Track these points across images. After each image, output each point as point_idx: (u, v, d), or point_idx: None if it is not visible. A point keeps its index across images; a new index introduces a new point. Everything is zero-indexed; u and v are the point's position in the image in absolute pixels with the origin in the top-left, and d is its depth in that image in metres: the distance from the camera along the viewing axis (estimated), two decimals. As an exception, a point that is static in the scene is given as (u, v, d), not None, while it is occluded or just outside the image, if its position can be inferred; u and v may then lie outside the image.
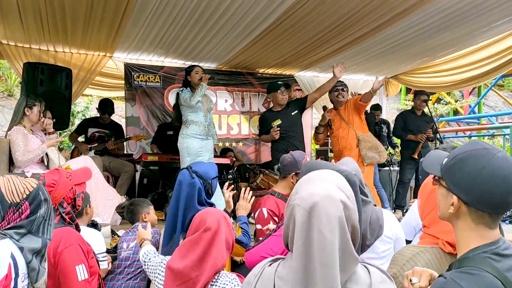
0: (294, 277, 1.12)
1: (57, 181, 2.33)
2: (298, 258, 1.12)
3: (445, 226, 1.74)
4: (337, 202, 1.15)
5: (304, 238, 1.12)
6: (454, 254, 1.70)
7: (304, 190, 1.19)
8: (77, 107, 10.70)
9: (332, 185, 1.19)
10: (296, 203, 1.17)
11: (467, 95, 13.40)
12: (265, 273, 1.24)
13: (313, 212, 1.13)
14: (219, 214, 2.21)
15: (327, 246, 1.10)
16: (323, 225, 1.11)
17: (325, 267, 1.09)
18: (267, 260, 1.28)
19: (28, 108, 4.29)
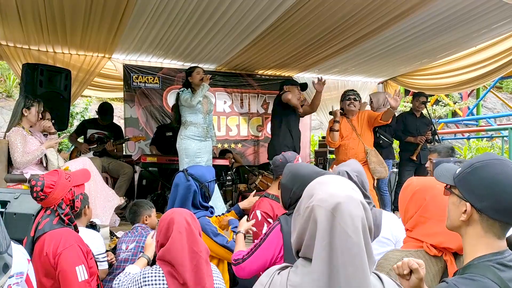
0: (316, 280, 1.09)
1: (56, 182, 2.33)
2: (322, 260, 1.09)
3: (428, 229, 1.74)
4: (358, 203, 1.14)
5: (328, 239, 1.10)
6: (439, 256, 1.70)
7: (322, 192, 1.17)
8: (76, 108, 10.69)
9: (349, 187, 1.19)
10: (316, 205, 1.15)
11: (465, 97, 13.41)
12: (275, 281, 1.20)
13: (336, 212, 1.11)
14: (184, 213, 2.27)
15: (353, 247, 1.08)
16: (347, 225, 1.09)
17: (350, 268, 1.07)
18: (274, 269, 1.25)
19: (26, 109, 4.28)
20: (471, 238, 1.37)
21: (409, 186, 1.89)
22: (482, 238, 1.35)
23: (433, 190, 1.81)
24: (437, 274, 1.68)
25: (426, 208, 1.78)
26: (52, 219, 2.30)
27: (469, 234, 1.38)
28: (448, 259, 1.68)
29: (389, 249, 2.43)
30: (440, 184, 1.87)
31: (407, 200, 1.86)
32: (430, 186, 1.83)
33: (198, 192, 2.90)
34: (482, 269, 1.29)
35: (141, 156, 5.85)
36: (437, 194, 1.78)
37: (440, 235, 1.70)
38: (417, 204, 1.81)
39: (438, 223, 1.73)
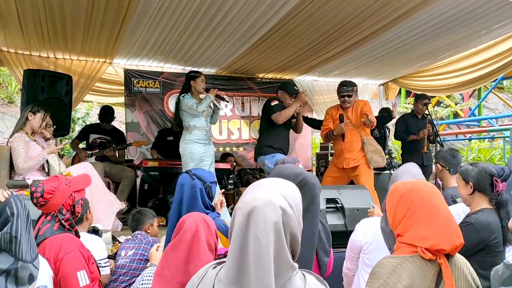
0: (229, 277, 1.14)
1: (56, 188, 2.33)
2: (234, 260, 1.14)
3: (419, 232, 1.70)
4: (276, 208, 1.16)
5: (241, 240, 1.14)
6: (433, 260, 1.68)
7: (248, 195, 1.22)
8: (77, 114, 10.70)
9: (275, 192, 1.21)
10: (238, 206, 1.20)
11: (467, 97, 13.41)
12: (207, 275, 1.25)
13: (251, 215, 1.15)
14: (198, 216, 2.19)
15: (261, 250, 1.11)
16: (259, 229, 1.13)
17: (259, 270, 1.10)
18: (213, 262, 1.30)
19: (31, 113, 4.32)
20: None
21: (396, 190, 1.86)
22: None
23: (420, 192, 1.78)
24: (433, 278, 1.66)
25: (414, 211, 1.74)
26: (53, 225, 2.30)
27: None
28: (443, 262, 1.66)
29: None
30: (425, 185, 1.86)
31: (395, 204, 1.82)
32: (417, 188, 1.81)
33: (204, 191, 2.90)
34: None
35: (142, 160, 5.85)
36: (424, 196, 1.77)
37: (432, 238, 1.67)
38: (405, 207, 1.77)
39: (427, 225, 1.71)
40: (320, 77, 7.80)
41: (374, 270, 1.72)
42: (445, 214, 1.74)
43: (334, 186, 4.81)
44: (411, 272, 1.64)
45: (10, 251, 1.63)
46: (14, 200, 1.75)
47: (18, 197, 1.77)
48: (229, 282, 1.13)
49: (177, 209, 2.89)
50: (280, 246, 1.14)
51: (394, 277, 1.63)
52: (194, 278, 1.30)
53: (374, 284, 1.66)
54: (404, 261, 1.67)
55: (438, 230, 1.69)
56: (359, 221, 3.61)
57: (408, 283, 1.62)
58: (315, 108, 8.05)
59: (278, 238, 1.14)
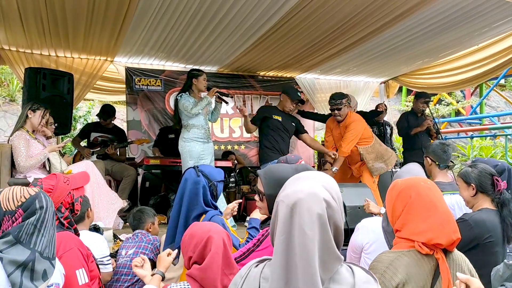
0: (275, 273, 1.13)
1: (54, 186, 2.34)
2: (280, 254, 1.13)
3: (416, 227, 1.73)
4: (320, 200, 1.16)
5: (286, 234, 1.13)
6: (431, 255, 1.69)
7: (289, 188, 1.22)
8: (79, 112, 10.71)
9: (317, 184, 1.21)
10: (280, 200, 1.20)
11: (468, 95, 13.38)
12: (251, 274, 1.24)
13: (295, 208, 1.14)
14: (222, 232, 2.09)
15: (307, 243, 1.11)
16: (304, 222, 1.12)
17: (305, 263, 1.09)
18: (254, 261, 1.29)
19: (31, 111, 4.32)
20: None
21: (394, 186, 1.89)
22: None
23: (417, 188, 1.81)
24: (430, 273, 1.68)
25: (411, 206, 1.77)
26: None
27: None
28: (440, 257, 1.68)
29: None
30: (424, 181, 1.88)
31: (393, 200, 1.85)
32: (415, 184, 1.84)
33: (208, 189, 2.87)
34: None
35: (144, 158, 5.86)
36: (422, 191, 1.79)
37: (429, 232, 1.70)
38: (403, 202, 1.80)
39: (425, 220, 1.73)
40: (321, 75, 7.79)
41: (372, 265, 1.75)
42: (443, 209, 1.76)
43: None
44: (407, 266, 1.66)
45: (29, 243, 1.62)
46: (44, 195, 1.77)
47: (45, 194, 1.79)
48: (277, 277, 1.12)
49: (179, 203, 2.89)
50: (326, 238, 1.14)
51: (391, 271, 1.65)
52: (237, 277, 1.29)
53: None
54: (401, 256, 1.69)
55: (435, 225, 1.71)
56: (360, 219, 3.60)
57: (404, 276, 1.64)
58: (317, 106, 8.04)
59: (324, 230, 1.14)
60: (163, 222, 5.04)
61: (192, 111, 4.83)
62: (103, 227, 3.66)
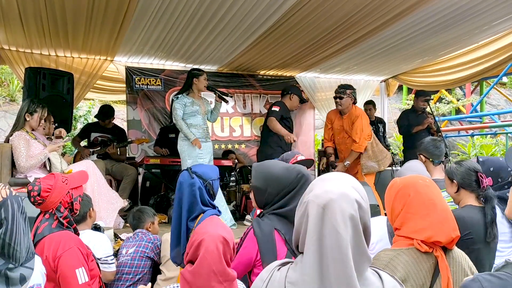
0: (307, 275, 1.10)
1: (52, 186, 2.33)
2: (312, 255, 1.10)
3: (415, 225, 1.74)
4: (352, 201, 1.14)
5: (318, 234, 1.11)
6: (430, 253, 1.69)
7: (319, 188, 1.19)
8: (79, 111, 10.72)
9: (347, 185, 1.19)
10: (310, 200, 1.17)
11: (469, 93, 13.37)
12: (274, 278, 1.20)
13: (327, 209, 1.12)
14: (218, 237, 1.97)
15: (341, 243, 1.08)
16: (337, 222, 1.10)
17: (339, 264, 1.07)
18: (275, 264, 1.25)
19: (28, 114, 4.29)
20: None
21: (393, 185, 1.90)
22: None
23: (416, 186, 1.81)
24: (429, 271, 1.68)
25: (410, 204, 1.78)
26: (51, 223, 2.30)
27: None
28: (439, 255, 1.68)
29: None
30: (422, 179, 1.88)
31: (392, 199, 1.85)
32: (413, 182, 1.84)
33: (203, 189, 2.86)
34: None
35: (144, 158, 5.87)
36: (421, 189, 1.80)
37: (428, 230, 1.70)
38: (402, 201, 1.80)
39: (424, 217, 1.73)
40: (321, 73, 7.79)
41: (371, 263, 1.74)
42: (442, 207, 1.76)
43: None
44: (406, 264, 1.66)
45: (2, 254, 1.55)
46: (11, 201, 1.60)
47: (16, 198, 1.64)
48: (309, 280, 1.09)
49: (178, 207, 2.87)
50: (358, 240, 1.12)
51: (389, 269, 1.66)
52: (258, 282, 1.24)
53: None
54: (400, 254, 1.70)
55: (434, 223, 1.71)
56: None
57: (403, 274, 1.64)
58: (317, 105, 8.04)
59: (356, 231, 1.12)
60: (163, 222, 5.04)
61: (177, 122, 4.89)
62: (104, 226, 3.66)
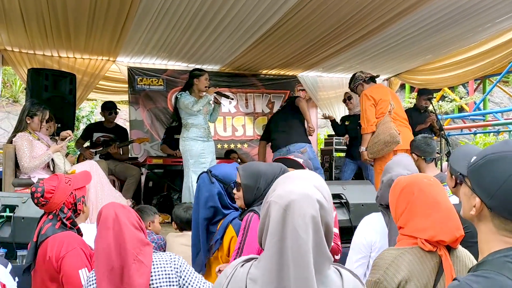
0: (266, 276, 1.10)
1: (56, 187, 2.34)
2: (272, 256, 1.11)
3: (419, 224, 1.73)
4: (313, 201, 1.14)
5: (279, 235, 1.11)
6: (434, 252, 1.69)
7: (281, 188, 1.19)
8: (81, 112, 10.74)
9: (310, 184, 1.19)
10: (272, 200, 1.16)
11: (472, 91, 13.32)
12: (237, 274, 1.21)
13: (289, 209, 1.12)
14: (115, 205, 2.01)
15: (301, 245, 1.08)
16: (298, 223, 1.10)
17: (299, 266, 1.07)
18: (239, 260, 1.26)
19: (29, 117, 4.28)
20: (484, 234, 1.28)
21: (398, 183, 1.89)
22: (495, 235, 1.24)
23: (420, 184, 1.81)
24: (433, 270, 1.67)
25: (414, 203, 1.77)
26: (55, 224, 2.31)
27: (482, 230, 1.29)
28: (443, 254, 1.68)
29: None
30: (427, 178, 1.88)
31: (397, 197, 1.86)
32: (417, 181, 1.84)
33: (224, 193, 2.73)
34: (497, 265, 1.19)
35: (146, 158, 5.86)
36: (424, 188, 1.79)
37: (431, 229, 1.69)
38: (405, 199, 1.80)
39: (427, 217, 1.73)
40: (323, 73, 7.78)
41: (375, 262, 1.75)
42: (446, 206, 1.75)
43: (339, 181, 4.81)
44: (410, 263, 1.66)
45: None
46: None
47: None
48: (268, 280, 1.09)
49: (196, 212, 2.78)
50: (318, 240, 1.12)
51: (393, 268, 1.66)
52: (222, 277, 1.25)
53: (374, 275, 1.68)
54: (403, 253, 1.69)
55: (437, 222, 1.70)
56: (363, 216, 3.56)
57: (406, 273, 1.64)
58: (319, 104, 8.04)
59: (317, 232, 1.12)
60: (166, 221, 5.04)
61: (193, 108, 4.85)
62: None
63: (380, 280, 1.64)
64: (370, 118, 4.96)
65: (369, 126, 4.96)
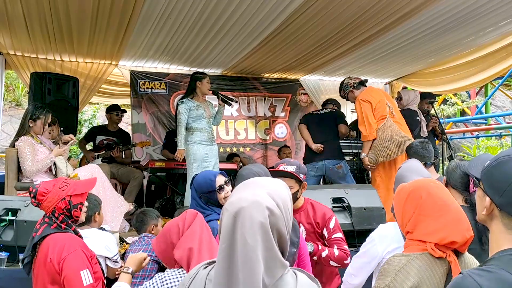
0: (217, 278, 1.14)
1: (48, 191, 2.35)
2: (221, 261, 1.14)
3: (428, 227, 1.70)
4: (263, 209, 1.16)
5: (228, 242, 1.14)
6: (444, 258, 1.67)
7: (235, 196, 1.22)
8: (84, 116, 10.77)
9: (262, 192, 1.21)
10: (225, 207, 1.20)
11: (473, 95, 13.31)
12: (199, 275, 1.26)
13: (238, 217, 1.15)
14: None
15: (248, 251, 1.11)
16: (246, 230, 1.13)
17: (247, 270, 1.10)
18: (204, 262, 1.30)
19: (32, 120, 4.29)
20: (495, 234, 1.33)
21: (402, 189, 1.87)
22: (504, 234, 1.29)
23: (428, 188, 1.79)
24: (442, 277, 1.65)
25: (423, 206, 1.75)
26: (50, 224, 2.33)
27: (493, 230, 1.34)
28: (452, 260, 1.66)
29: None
30: (432, 181, 1.86)
31: (403, 202, 1.83)
32: (424, 184, 1.82)
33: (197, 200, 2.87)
34: (502, 262, 1.24)
35: (149, 161, 5.86)
36: (432, 191, 1.77)
37: (442, 231, 1.67)
38: (413, 203, 1.78)
39: (437, 219, 1.71)
40: (326, 76, 7.79)
41: (383, 268, 1.72)
42: (455, 207, 1.74)
43: (341, 185, 4.80)
44: (419, 270, 1.63)
45: None
46: None
47: None
48: (218, 282, 1.14)
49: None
50: (269, 246, 1.14)
51: (403, 275, 1.63)
52: (186, 278, 1.31)
53: (383, 281, 1.65)
54: (413, 259, 1.66)
55: (448, 223, 1.69)
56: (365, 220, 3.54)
57: (416, 280, 1.61)
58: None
59: (266, 238, 1.14)
60: (169, 225, 5.03)
61: (179, 125, 4.88)
62: (109, 230, 3.66)
63: (389, 287, 1.62)
64: (372, 124, 4.88)
65: (371, 134, 4.88)
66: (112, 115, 6.15)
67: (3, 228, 3.39)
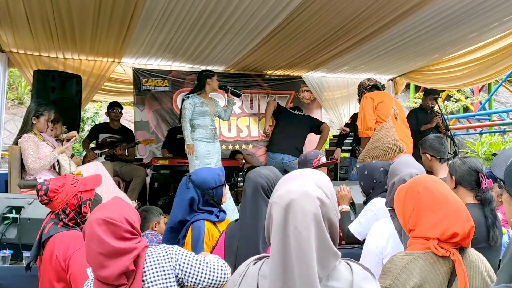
0: (273, 273, 1.14)
1: (60, 187, 2.34)
2: (276, 255, 1.14)
3: (429, 221, 1.70)
4: (313, 199, 1.16)
5: (281, 235, 1.14)
6: (447, 257, 1.65)
7: (282, 188, 1.22)
8: (86, 113, 10.77)
9: (310, 183, 1.21)
10: (274, 201, 1.20)
11: (477, 91, 13.26)
12: (249, 271, 1.25)
13: (289, 209, 1.15)
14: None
15: (303, 243, 1.11)
16: (299, 222, 1.13)
17: (302, 263, 1.10)
18: (252, 258, 1.29)
19: (35, 117, 4.29)
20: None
21: (400, 190, 1.88)
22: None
23: (424, 183, 1.79)
24: (446, 276, 1.63)
25: (421, 201, 1.75)
26: (57, 223, 2.32)
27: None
28: (456, 259, 1.63)
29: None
30: (428, 177, 1.85)
31: (402, 201, 1.83)
32: (420, 180, 1.83)
33: (199, 200, 2.69)
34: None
35: (152, 159, 5.86)
36: (429, 185, 1.77)
37: (442, 223, 1.66)
38: (411, 200, 1.78)
39: (437, 211, 1.70)
40: (328, 73, 7.77)
41: (385, 266, 1.71)
42: (453, 199, 1.73)
43: (344, 181, 4.79)
44: (422, 269, 1.62)
45: None
46: None
47: None
48: (274, 278, 1.13)
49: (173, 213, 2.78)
50: (322, 237, 1.14)
51: (405, 274, 1.62)
52: (235, 275, 1.29)
53: (385, 281, 1.64)
54: (416, 258, 1.65)
55: (448, 214, 1.67)
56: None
57: (419, 280, 1.60)
58: (324, 105, 8.02)
59: (319, 229, 1.14)
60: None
61: (183, 120, 4.88)
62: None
63: (392, 286, 1.61)
64: (368, 122, 4.87)
65: (365, 132, 4.88)
66: (109, 112, 6.16)
67: (7, 226, 3.39)
